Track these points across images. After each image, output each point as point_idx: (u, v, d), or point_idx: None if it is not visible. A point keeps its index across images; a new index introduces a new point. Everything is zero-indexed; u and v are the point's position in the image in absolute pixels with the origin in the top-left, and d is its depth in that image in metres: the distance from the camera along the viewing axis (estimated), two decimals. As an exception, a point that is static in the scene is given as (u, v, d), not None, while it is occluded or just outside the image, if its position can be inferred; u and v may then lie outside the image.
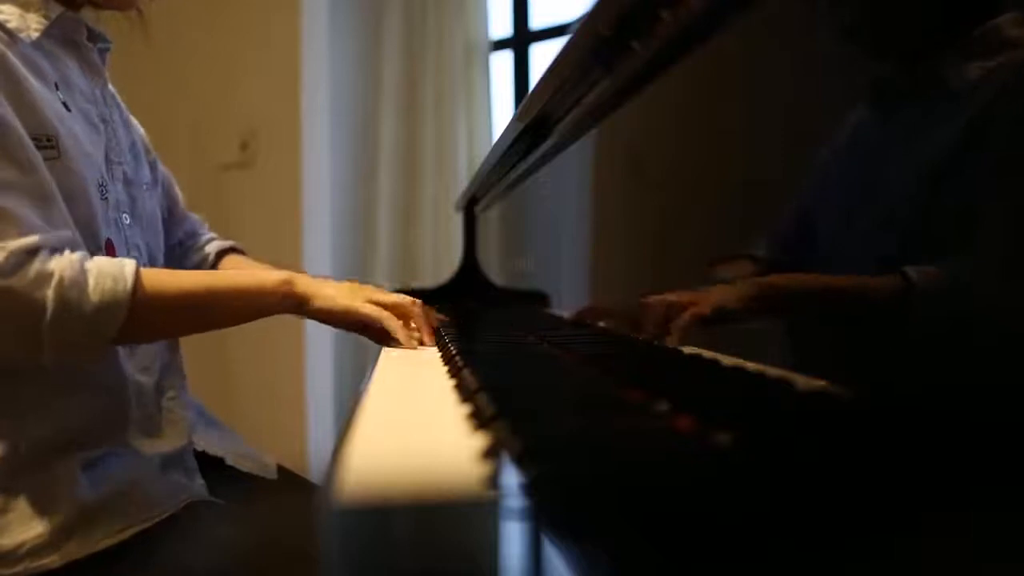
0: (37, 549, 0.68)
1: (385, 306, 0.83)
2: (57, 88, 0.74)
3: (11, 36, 0.69)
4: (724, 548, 0.23)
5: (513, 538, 0.26)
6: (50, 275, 0.64)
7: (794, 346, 0.49)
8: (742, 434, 0.34)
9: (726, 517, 0.25)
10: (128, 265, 0.70)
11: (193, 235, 1.05)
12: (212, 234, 1.08)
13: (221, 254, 1.05)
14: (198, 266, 1.03)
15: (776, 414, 0.42)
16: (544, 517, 0.26)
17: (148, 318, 0.71)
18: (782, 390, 0.45)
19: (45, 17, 0.73)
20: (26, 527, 0.68)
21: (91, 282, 0.67)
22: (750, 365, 0.52)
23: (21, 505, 0.69)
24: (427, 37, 2.20)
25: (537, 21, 2.17)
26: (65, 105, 0.74)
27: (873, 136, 0.41)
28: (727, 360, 0.55)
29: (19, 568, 0.67)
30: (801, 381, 0.45)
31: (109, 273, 0.68)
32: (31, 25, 0.71)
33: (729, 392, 0.49)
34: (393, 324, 0.81)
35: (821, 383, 0.43)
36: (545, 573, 0.23)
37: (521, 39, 2.19)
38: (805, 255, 0.47)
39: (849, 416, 0.39)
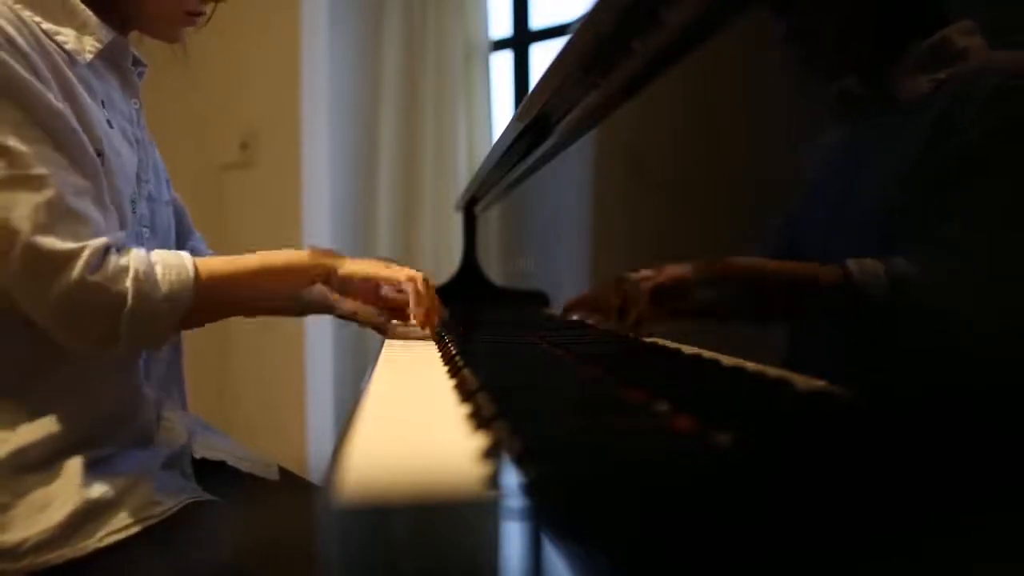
0: (40, 545, 0.68)
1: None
2: (103, 106, 0.80)
3: (69, 56, 0.75)
4: (724, 548, 0.23)
5: (513, 538, 0.26)
6: (126, 269, 0.70)
7: (794, 346, 0.49)
8: (742, 434, 0.34)
9: (726, 517, 0.25)
10: (186, 256, 0.76)
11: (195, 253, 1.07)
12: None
13: None
14: None
15: (776, 414, 0.42)
16: (544, 517, 0.26)
17: (205, 302, 0.77)
18: (782, 390, 0.45)
19: (99, 41, 0.78)
20: (30, 523, 0.69)
21: (159, 272, 0.73)
22: (750, 365, 0.52)
23: (26, 502, 0.70)
24: (427, 37, 2.19)
25: (537, 21, 2.17)
26: (108, 122, 0.79)
27: (846, 143, 0.42)
28: (727, 360, 0.55)
29: (23, 563, 0.68)
30: (801, 381, 0.45)
31: (173, 264, 0.74)
32: (86, 47, 0.77)
33: (729, 392, 0.49)
34: (411, 288, 0.90)
35: (821, 383, 0.43)
36: (545, 573, 0.23)
37: (521, 39, 2.19)
38: (789, 255, 0.47)
39: (849, 416, 0.39)
